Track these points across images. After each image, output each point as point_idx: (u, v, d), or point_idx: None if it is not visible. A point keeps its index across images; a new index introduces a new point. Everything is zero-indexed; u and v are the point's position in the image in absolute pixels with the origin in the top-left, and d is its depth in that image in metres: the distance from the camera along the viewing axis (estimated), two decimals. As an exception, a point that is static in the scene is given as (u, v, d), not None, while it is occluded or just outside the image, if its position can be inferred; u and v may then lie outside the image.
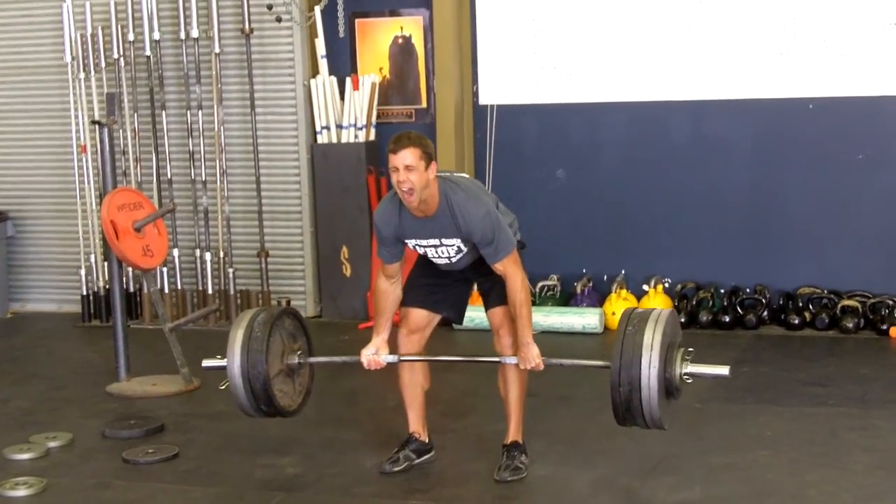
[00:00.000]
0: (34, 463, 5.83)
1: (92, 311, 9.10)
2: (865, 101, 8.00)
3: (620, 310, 6.94)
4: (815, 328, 7.96)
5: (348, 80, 8.65)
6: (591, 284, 8.48)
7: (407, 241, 5.25)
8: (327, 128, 8.70)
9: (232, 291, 8.85)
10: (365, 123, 8.65)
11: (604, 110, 8.52)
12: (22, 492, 5.40)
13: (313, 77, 8.75)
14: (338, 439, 6.03)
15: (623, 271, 8.49)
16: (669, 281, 8.36)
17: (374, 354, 5.37)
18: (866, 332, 7.89)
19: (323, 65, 8.69)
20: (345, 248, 8.73)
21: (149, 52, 8.90)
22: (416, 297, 5.44)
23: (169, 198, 8.92)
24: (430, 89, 8.74)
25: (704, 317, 8.07)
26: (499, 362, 5.35)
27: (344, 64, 8.84)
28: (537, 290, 8.41)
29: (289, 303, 8.44)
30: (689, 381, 5.03)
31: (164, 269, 8.90)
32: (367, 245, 8.56)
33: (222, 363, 5.36)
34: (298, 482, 5.50)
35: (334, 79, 8.68)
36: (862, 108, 8.03)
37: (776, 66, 8.08)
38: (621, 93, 8.41)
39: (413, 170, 5.01)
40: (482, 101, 8.68)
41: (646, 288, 8.24)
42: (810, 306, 8.07)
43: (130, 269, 8.52)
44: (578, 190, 8.65)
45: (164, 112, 8.96)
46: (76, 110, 9.05)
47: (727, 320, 8.04)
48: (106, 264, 8.68)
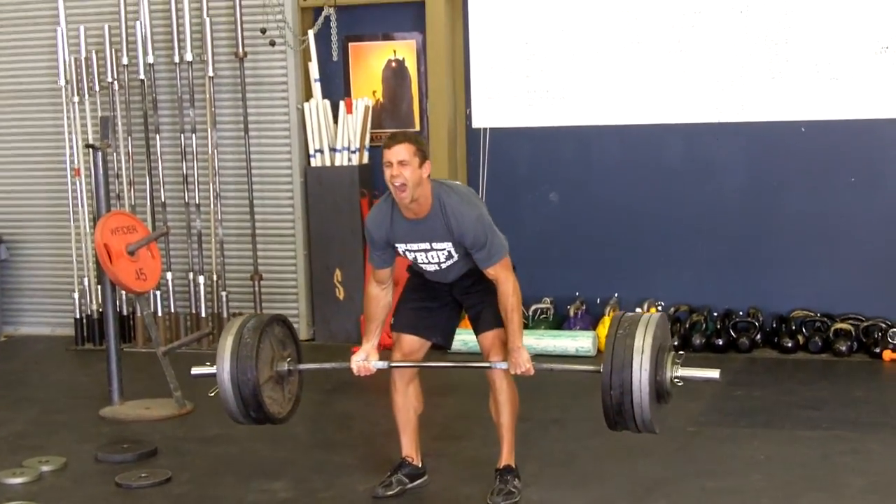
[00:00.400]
0: (27, 487, 5.80)
1: (85, 334, 9.09)
2: (857, 124, 8.02)
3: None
4: (808, 351, 7.97)
5: (342, 104, 8.67)
6: (584, 307, 8.48)
7: (397, 244, 5.22)
8: (321, 151, 8.71)
9: (225, 315, 8.82)
10: (358, 147, 8.66)
11: (597, 133, 8.54)
12: (15, 516, 5.39)
13: (307, 100, 8.77)
14: (330, 463, 6.01)
15: (616, 294, 8.50)
16: (663, 304, 8.35)
17: (364, 360, 5.33)
18: (859, 356, 7.89)
19: (316, 88, 8.71)
20: (338, 272, 8.73)
21: (143, 76, 8.92)
22: (408, 323, 5.43)
23: (162, 221, 8.93)
24: (423, 112, 8.76)
25: (697, 340, 8.06)
26: (489, 367, 5.28)
27: (337, 87, 8.87)
28: (530, 312, 8.41)
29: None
30: (679, 384, 5.01)
31: (158, 293, 8.89)
32: (360, 268, 8.55)
33: (212, 370, 5.32)
34: (291, 506, 5.49)
35: (328, 102, 8.70)
36: (854, 131, 8.05)
37: (768, 89, 8.11)
38: (614, 116, 8.43)
39: (406, 165, 5.01)
40: (475, 124, 8.71)
41: (639, 311, 8.24)
42: (803, 329, 8.08)
43: (124, 292, 8.52)
44: (571, 213, 8.66)
45: (157, 135, 8.97)
46: (70, 134, 9.05)
47: (720, 343, 8.05)
48: (99, 288, 8.67)
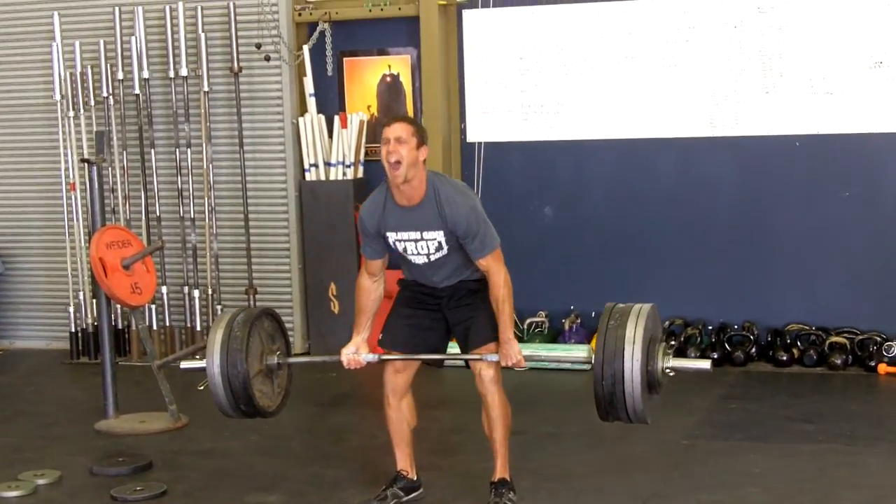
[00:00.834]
0: (22, 500, 5.80)
1: (80, 348, 9.07)
2: (852, 138, 8.02)
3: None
4: (803, 365, 7.97)
5: (336, 118, 8.67)
6: (578, 321, 8.47)
7: (388, 233, 5.23)
8: (315, 165, 8.72)
9: (220, 329, 8.81)
10: (353, 161, 8.67)
11: (591, 148, 8.54)
12: (9, 530, 5.40)
13: (302, 115, 8.78)
14: (325, 476, 6.01)
15: (611, 308, 8.48)
16: (657, 317, 8.33)
17: (355, 353, 5.36)
18: (854, 369, 7.89)
19: (311, 103, 8.72)
20: (333, 285, 8.73)
21: (138, 91, 8.93)
22: (400, 340, 5.42)
23: (157, 235, 8.93)
24: (418, 127, 8.76)
25: (692, 353, 8.05)
26: (479, 359, 5.24)
27: (332, 102, 8.88)
28: (525, 326, 8.41)
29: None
30: (671, 374, 5.02)
31: (153, 307, 8.89)
32: (355, 282, 8.53)
33: (202, 364, 5.32)
34: (286, 520, 5.49)
35: (322, 117, 8.70)
36: (848, 146, 8.06)
37: (763, 103, 8.12)
38: (608, 130, 8.44)
39: (403, 143, 5.06)
40: (470, 138, 8.72)
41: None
42: (798, 343, 8.08)
43: (119, 306, 8.51)
44: (566, 227, 8.67)
45: (152, 150, 8.98)
46: (65, 148, 9.05)
47: (715, 357, 8.01)
48: (94, 301, 8.66)
